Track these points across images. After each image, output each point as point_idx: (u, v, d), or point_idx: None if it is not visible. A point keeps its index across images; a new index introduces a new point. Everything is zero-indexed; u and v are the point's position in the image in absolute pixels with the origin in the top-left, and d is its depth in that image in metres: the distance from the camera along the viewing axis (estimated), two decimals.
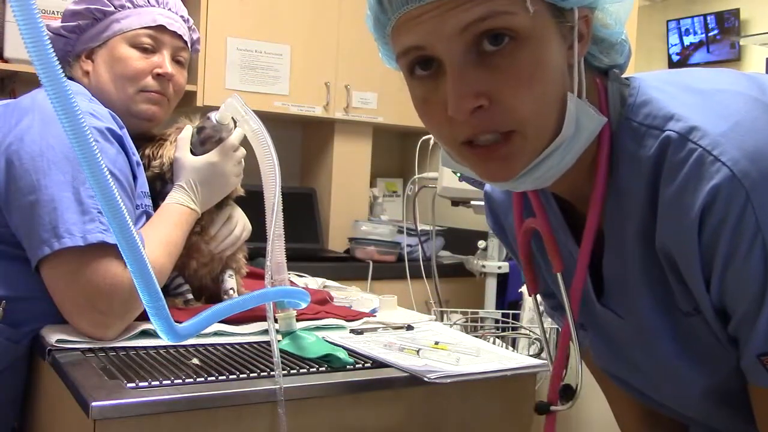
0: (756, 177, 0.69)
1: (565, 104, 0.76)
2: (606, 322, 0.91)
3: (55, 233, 1.13)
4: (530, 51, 0.72)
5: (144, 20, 1.38)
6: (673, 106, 0.77)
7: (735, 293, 0.73)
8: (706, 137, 0.72)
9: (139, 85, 1.38)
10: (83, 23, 1.37)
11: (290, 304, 1.21)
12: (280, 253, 1.16)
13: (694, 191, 0.72)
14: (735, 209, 0.70)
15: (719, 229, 0.71)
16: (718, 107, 0.75)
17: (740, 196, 0.70)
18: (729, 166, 0.70)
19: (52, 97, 0.64)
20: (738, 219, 0.70)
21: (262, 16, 2.96)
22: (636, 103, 0.80)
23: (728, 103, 0.75)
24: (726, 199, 0.70)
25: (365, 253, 2.94)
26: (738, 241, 0.71)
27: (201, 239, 1.38)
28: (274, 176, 1.15)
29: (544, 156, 0.76)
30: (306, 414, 1.04)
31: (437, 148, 2.80)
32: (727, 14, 4.65)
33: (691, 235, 0.73)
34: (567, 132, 0.76)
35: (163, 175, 1.36)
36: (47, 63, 0.63)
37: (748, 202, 0.69)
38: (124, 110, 1.38)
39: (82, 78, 1.39)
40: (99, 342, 1.15)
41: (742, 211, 0.70)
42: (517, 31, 0.71)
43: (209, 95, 2.83)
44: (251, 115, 1.22)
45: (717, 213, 0.71)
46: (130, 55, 1.37)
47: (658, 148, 0.76)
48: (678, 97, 0.79)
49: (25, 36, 0.62)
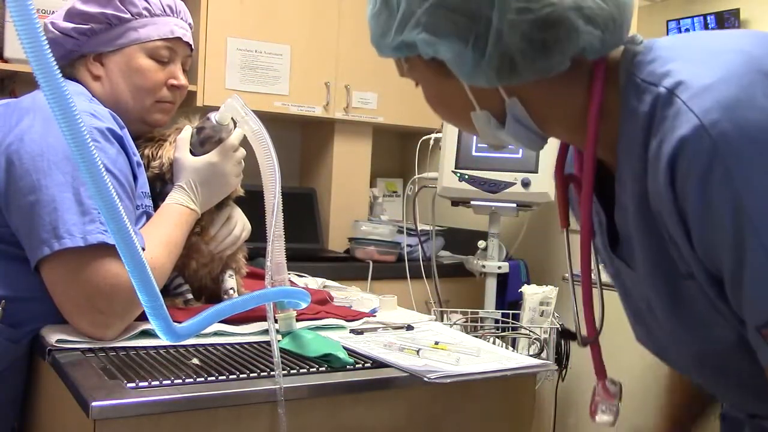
0: (727, 127, 0.68)
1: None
2: (622, 274, 0.92)
3: (56, 234, 1.13)
4: (427, 93, 0.93)
5: (162, 31, 1.38)
6: (673, 64, 0.77)
7: (714, 253, 0.72)
8: (688, 90, 0.72)
9: (156, 96, 1.39)
10: (97, 27, 1.35)
11: (290, 304, 1.21)
12: (280, 253, 1.17)
13: (666, 143, 0.72)
14: (701, 159, 0.69)
15: (686, 182, 0.71)
16: (714, 63, 0.74)
17: (707, 146, 0.68)
18: (699, 116, 0.69)
19: (50, 97, 0.64)
20: (705, 170, 0.69)
21: (262, 16, 2.96)
22: (644, 60, 0.81)
23: (726, 59, 0.74)
24: (692, 149, 0.69)
25: (365, 253, 2.94)
26: (707, 195, 0.69)
27: (201, 239, 1.38)
28: (273, 177, 1.15)
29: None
30: (306, 414, 1.04)
31: (437, 148, 2.80)
32: (727, 14, 4.65)
33: (665, 189, 0.73)
34: (486, 139, 0.92)
35: (162, 175, 1.36)
36: (45, 65, 0.63)
37: (716, 152, 0.68)
38: (137, 118, 1.39)
39: (91, 81, 1.38)
40: (99, 342, 1.15)
41: (710, 161, 0.68)
42: (414, 81, 0.93)
43: (209, 95, 2.83)
44: (251, 115, 1.22)
45: (683, 164, 0.70)
46: (148, 67, 1.37)
47: (650, 103, 0.76)
48: (684, 55, 0.78)
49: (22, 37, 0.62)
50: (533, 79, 0.82)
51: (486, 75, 0.81)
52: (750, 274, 0.70)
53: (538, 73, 0.81)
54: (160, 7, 1.39)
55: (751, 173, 0.68)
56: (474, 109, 0.88)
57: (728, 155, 0.68)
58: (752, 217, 0.68)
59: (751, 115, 0.68)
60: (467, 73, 0.82)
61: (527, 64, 0.80)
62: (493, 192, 2.55)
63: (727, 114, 0.69)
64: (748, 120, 0.68)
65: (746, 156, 0.68)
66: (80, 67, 1.38)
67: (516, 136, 0.88)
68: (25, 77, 2.55)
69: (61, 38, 1.35)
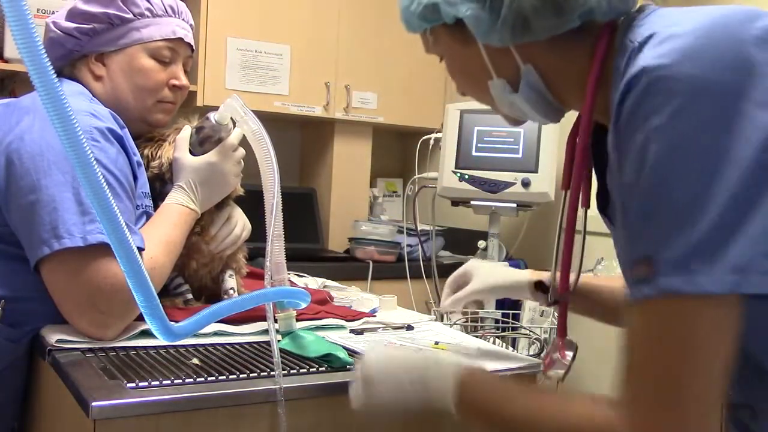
0: (664, 74, 0.71)
1: None
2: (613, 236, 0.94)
3: (55, 233, 1.12)
4: (448, 64, 0.99)
5: (164, 32, 1.38)
6: (655, 24, 0.80)
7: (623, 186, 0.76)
8: (651, 42, 0.76)
9: (157, 96, 1.40)
10: (99, 27, 1.35)
11: (290, 304, 1.21)
12: (279, 253, 1.16)
13: (618, 89, 0.76)
14: (634, 99, 0.73)
15: (621, 122, 0.75)
16: (686, 20, 0.77)
17: (641, 87, 0.72)
18: (646, 61, 0.73)
19: (44, 97, 0.64)
20: (633, 109, 0.73)
21: (262, 16, 2.96)
22: (636, 24, 0.84)
23: (698, 18, 0.76)
24: (631, 91, 0.73)
25: (365, 253, 2.94)
26: (629, 132, 0.74)
27: (201, 239, 1.38)
28: (273, 176, 1.15)
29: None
30: (306, 414, 1.04)
31: (437, 148, 2.80)
32: None
33: (613, 130, 0.77)
34: (503, 107, 0.97)
35: (162, 175, 1.36)
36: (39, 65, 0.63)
37: (646, 94, 0.72)
38: (138, 118, 1.39)
39: (92, 80, 1.38)
40: (99, 342, 1.15)
41: (639, 101, 0.72)
42: (438, 55, 1.00)
43: (209, 95, 2.83)
44: (250, 115, 1.22)
45: (624, 106, 0.75)
46: (150, 67, 1.38)
47: (626, 60, 0.79)
48: (668, 16, 0.82)
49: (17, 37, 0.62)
50: (545, 38, 0.87)
51: (500, 34, 0.87)
52: (634, 214, 0.73)
53: (549, 30, 0.86)
54: (162, 7, 1.39)
55: (665, 122, 0.70)
56: (491, 77, 0.93)
57: (652, 100, 0.72)
58: (649, 162, 0.71)
59: (692, 69, 0.71)
60: (484, 32, 0.87)
61: (539, 22, 0.85)
62: (493, 192, 2.55)
63: (671, 62, 0.72)
64: (687, 72, 0.71)
65: (667, 105, 0.70)
66: (82, 67, 1.38)
67: (530, 102, 0.92)
68: (26, 77, 2.53)
69: (62, 38, 1.35)
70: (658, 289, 0.70)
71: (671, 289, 0.69)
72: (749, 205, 0.68)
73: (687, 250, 0.68)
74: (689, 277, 0.68)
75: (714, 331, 0.70)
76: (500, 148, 2.59)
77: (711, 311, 0.69)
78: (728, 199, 0.68)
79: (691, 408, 0.70)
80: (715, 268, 0.67)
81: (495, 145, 2.60)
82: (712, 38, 0.73)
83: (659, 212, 0.70)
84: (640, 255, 0.72)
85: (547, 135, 2.52)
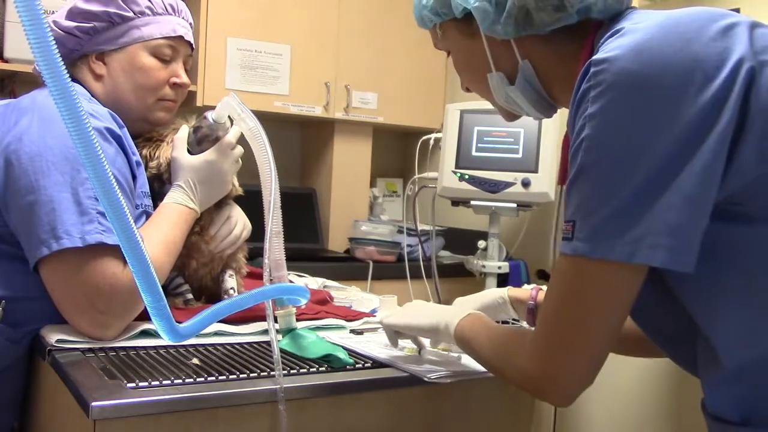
0: (606, 67, 0.79)
1: None
2: None
3: (54, 234, 1.12)
4: (454, 58, 1.08)
5: (165, 30, 1.38)
6: (626, 23, 0.87)
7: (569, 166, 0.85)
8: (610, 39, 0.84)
9: (158, 94, 1.39)
10: (99, 25, 1.35)
11: (290, 301, 1.20)
12: (278, 250, 1.16)
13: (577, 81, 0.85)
14: (580, 89, 0.83)
15: (572, 107, 0.84)
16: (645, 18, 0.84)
17: (585, 80, 0.82)
18: (596, 53, 0.82)
19: (56, 96, 0.64)
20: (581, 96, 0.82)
21: (262, 16, 2.96)
22: (613, 25, 0.90)
23: (656, 16, 0.83)
24: (583, 81, 0.82)
25: (365, 253, 2.93)
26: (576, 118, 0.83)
27: (201, 239, 1.38)
28: (270, 174, 1.15)
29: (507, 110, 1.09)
30: (306, 414, 1.04)
31: (437, 148, 2.80)
32: None
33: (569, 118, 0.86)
34: (499, 100, 1.06)
35: (160, 175, 1.36)
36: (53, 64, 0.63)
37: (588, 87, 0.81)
38: (140, 116, 1.39)
39: (92, 80, 1.38)
40: (99, 342, 1.15)
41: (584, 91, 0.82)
42: (445, 50, 1.09)
43: (209, 95, 2.83)
44: (247, 113, 1.22)
45: (577, 95, 0.83)
46: (151, 66, 1.38)
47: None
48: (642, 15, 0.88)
49: (30, 37, 0.62)
50: (545, 32, 0.95)
51: (504, 26, 0.96)
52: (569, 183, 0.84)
53: (548, 25, 0.94)
54: (163, 6, 1.39)
55: (599, 109, 0.79)
56: (491, 70, 1.02)
57: (593, 90, 0.80)
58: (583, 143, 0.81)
59: (632, 64, 0.78)
60: (489, 24, 0.96)
61: (540, 16, 0.94)
62: (493, 192, 2.55)
63: (614, 56, 0.79)
64: (625, 67, 0.78)
65: (603, 95, 0.79)
66: (82, 67, 1.38)
67: (525, 95, 1.01)
68: (25, 77, 2.55)
69: (63, 37, 1.35)
70: (571, 249, 0.82)
71: (580, 252, 0.81)
72: (658, 191, 0.77)
73: (599, 221, 0.80)
74: (595, 244, 0.80)
75: (608, 291, 0.82)
76: (500, 148, 2.59)
77: (608, 275, 0.81)
78: (641, 183, 0.78)
79: (584, 351, 0.84)
80: (617, 240, 0.79)
81: (495, 145, 2.60)
82: (661, 36, 0.79)
83: (584, 187, 0.81)
84: (567, 218, 0.84)
85: (547, 135, 2.52)
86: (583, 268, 0.82)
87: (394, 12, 3.18)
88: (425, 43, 1.22)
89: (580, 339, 0.84)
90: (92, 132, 0.68)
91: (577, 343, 0.84)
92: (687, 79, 0.77)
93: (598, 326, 0.83)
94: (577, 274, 0.83)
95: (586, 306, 0.83)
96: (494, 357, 0.99)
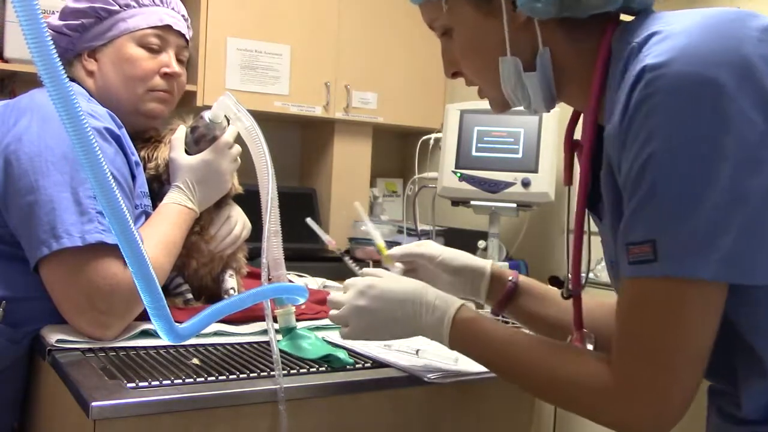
0: (663, 72, 0.76)
1: None
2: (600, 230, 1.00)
3: (54, 234, 1.12)
4: (459, 37, 0.98)
5: (151, 20, 1.38)
6: (653, 25, 0.83)
7: (623, 177, 0.81)
8: (650, 41, 0.80)
9: (148, 84, 1.39)
10: (87, 22, 1.36)
11: (289, 300, 1.20)
12: (277, 249, 1.16)
13: (623, 88, 0.80)
14: (639, 96, 0.77)
15: (626, 120, 0.79)
16: (681, 20, 0.81)
17: (643, 86, 0.77)
18: (647, 60, 0.78)
19: (54, 97, 0.64)
20: (638, 105, 0.78)
21: (262, 16, 2.96)
22: (634, 26, 0.87)
23: (692, 18, 0.81)
24: (635, 90, 0.78)
25: (365, 253, 2.93)
26: (635, 128, 0.78)
27: (201, 239, 1.38)
28: (267, 173, 1.15)
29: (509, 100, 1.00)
30: (306, 414, 1.03)
31: (437, 148, 2.80)
32: None
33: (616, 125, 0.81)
34: (506, 88, 0.97)
35: (159, 176, 1.36)
36: (50, 64, 0.63)
37: (647, 93, 0.77)
38: (132, 109, 1.38)
39: (86, 77, 1.39)
40: (99, 342, 1.15)
41: (643, 99, 0.77)
42: (446, 26, 0.98)
43: (209, 95, 2.83)
44: (244, 112, 1.22)
45: (629, 105, 0.79)
46: (138, 56, 1.37)
47: (625, 58, 0.83)
48: (668, 17, 0.84)
49: (28, 37, 0.62)
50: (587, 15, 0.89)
51: (546, 5, 0.88)
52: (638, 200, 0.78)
53: (594, 8, 0.89)
54: None
55: (665, 119, 0.76)
56: (504, 54, 0.94)
57: (654, 97, 0.76)
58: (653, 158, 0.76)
59: (688, 67, 0.75)
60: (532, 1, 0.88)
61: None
62: (493, 192, 2.55)
63: (669, 60, 0.76)
64: (683, 70, 0.75)
65: (667, 102, 0.76)
66: (77, 65, 1.39)
67: (540, 84, 0.95)
68: (25, 77, 2.55)
69: (55, 37, 1.36)
70: (658, 271, 0.77)
71: (669, 272, 0.77)
72: (740, 199, 0.74)
73: (685, 238, 0.75)
74: (685, 263, 0.76)
75: (701, 310, 0.78)
76: (500, 148, 2.59)
77: (700, 293, 0.77)
78: (721, 193, 0.74)
79: (675, 373, 0.79)
80: (708, 257, 0.75)
81: (495, 145, 2.60)
82: (709, 37, 0.77)
83: (664, 203, 0.76)
84: (640, 239, 0.78)
85: (546, 135, 2.52)
86: (674, 290, 0.77)
87: (394, 12, 3.18)
88: (425, 42, 1.21)
89: (680, 364, 0.79)
90: (90, 131, 0.67)
91: (677, 369, 0.79)
92: (745, 77, 0.75)
93: (697, 349, 0.79)
94: (669, 297, 0.78)
95: (678, 326, 0.78)
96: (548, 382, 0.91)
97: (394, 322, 1.04)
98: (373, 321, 1.05)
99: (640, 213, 0.79)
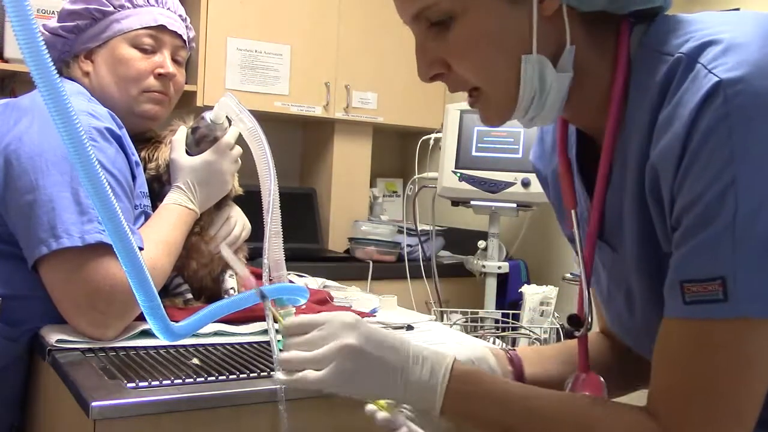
0: (743, 88, 0.68)
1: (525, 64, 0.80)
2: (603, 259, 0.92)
3: (53, 233, 1.12)
4: (464, 26, 0.80)
5: (144, 20, 1.38)
6: (692, 32, 0.76)
7: (686, 203, 0.72)
8: (708, 53, 0.72)
9: (141, 85, 1.38)
10: (82, 23, 1.37)
11: (289, 300, 1.20)
12: (278, 249, 1.16)
13: (684, 106, 0.72)
14: (714, 116, 0.69)
15: (694, 139, 0.70)
16: (735, 28, 0.74)
17: (719, 103, 0.69)
18: (719, 75, 0.69)
19: (46, 96, 0.64)
20: (713, 126, 0.69)
21: (262, 16, 2.96)
22: (659, 31, 0.80)
23: (747, 24, 0.74)
24: (709, 107, 0.69)
25: (365, 253, 2.94)
26: (708, 149, 0.69)
27: (201, 239, 1.38)
28: (269, 174, 1.15)
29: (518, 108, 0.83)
30: (306, 414, 1.03)
31: (437, 148, 2.80)
32: None
33: (676, 147, 0.72)
34: (525, 93, 0.81)
35: (160, 177, 1.36)
36: (41, 63, 0.63)
37: (726, 111, 0.69)
38: (127, 110, 1.38)
39: (83, 78, 1.39)
40: (99, 342, 1.14)
41: (719, 119, 0.69)
42: (448, 13, 0.80)
43: (209, 95, 2.83)
44: (245, 113, 1.22)
45: (699, 122, 0.70)
46: (132, 56, 1.37)
47: (666, 71, 0.75)
48: (704, 22, 0.77)
49: (20, 38, 0.62)
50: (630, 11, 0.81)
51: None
52: (708, 232, 0.70)
53: (644, 2, 0.80)
54: None
55: (752, 140, 0.68)
56: (527, 50, 0.79)
57: (736, 116, 0.68)
58: (738, 184, 0.68)
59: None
60: None
61: None
62: (493, 192, 2.55)
63: (747, 75, 0.69)
64: (765, 86, 0.68)
65: (753, 122, 0.68)
66: (74, 66, 1.40)
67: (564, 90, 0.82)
68: (25, 77, 2.55)
69: (52, 39, 1.37)
70: (729, 312, 0.70)
71: (747, 313, 0.69)
72: None
73: (765, 277, 0.69)
74: (765, 303, 0.69)
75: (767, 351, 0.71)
76: (500, 148, 2.59)
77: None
78: None
79: (740, 419, 0.72)
80: None
81: (495, 145, 2.60)
82: None
83: (743, 238, 0.69)
84: (705, 275, 0.71)
85: None
86: (745, 331, 0.70)
87: (394, 12, 3.17)
88: None
89: (745, 409, 0.72)
90: (83, 131, 0.67)
91: (742, 415, 0.72)
92: None
93: (761, 395, 0.73)
94: (739, 339, 0.71)
95: (751, 372, 0.72)
96: None
97: (384, 372, 0.85)
98: (364, 366, 0.85)
99: (709, 246, 0.70)
